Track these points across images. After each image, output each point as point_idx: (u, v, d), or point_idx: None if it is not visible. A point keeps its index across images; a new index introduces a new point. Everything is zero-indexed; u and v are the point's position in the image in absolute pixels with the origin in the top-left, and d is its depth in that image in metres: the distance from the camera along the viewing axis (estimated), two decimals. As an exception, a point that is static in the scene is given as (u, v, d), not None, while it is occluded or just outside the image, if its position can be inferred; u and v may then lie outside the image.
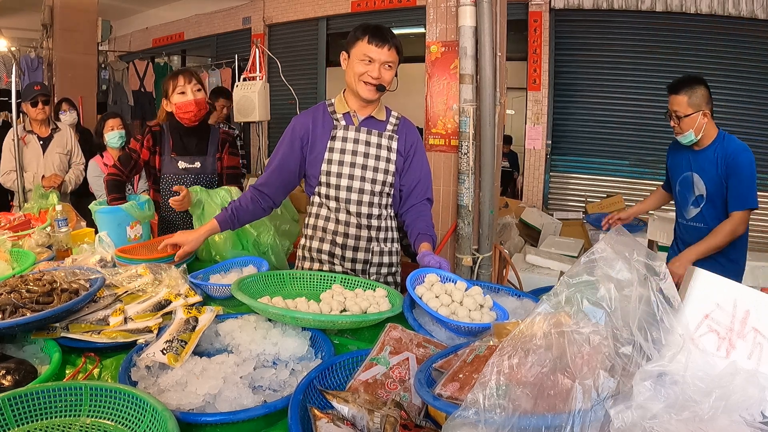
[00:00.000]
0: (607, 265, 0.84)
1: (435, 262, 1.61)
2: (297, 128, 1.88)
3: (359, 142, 1.85)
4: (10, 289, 1.29)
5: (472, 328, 1.28)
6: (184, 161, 2.31)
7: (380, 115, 1.89)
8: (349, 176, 1.85)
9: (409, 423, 0.94)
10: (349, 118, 1.86)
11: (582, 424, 0.70)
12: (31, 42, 5.88)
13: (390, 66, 1.77)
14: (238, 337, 1.26)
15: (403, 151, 1.89)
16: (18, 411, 0.93)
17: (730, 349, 0.86)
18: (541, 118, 5.45)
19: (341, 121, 1.86)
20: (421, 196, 1.91)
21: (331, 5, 6.40)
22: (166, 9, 7.93)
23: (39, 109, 3.59)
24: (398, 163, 1.88)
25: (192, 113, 2.25)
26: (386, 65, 1.76)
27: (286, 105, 5.88)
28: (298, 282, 1.68)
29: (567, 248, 3.92)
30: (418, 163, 1.92)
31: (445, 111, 2.99)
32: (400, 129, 1.91)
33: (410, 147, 1.91)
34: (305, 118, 1.89)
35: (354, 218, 1.88)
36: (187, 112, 2.25)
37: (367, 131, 1.86)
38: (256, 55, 4.45)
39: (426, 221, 1.87)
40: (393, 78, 1.81)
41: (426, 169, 1.95)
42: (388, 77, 1.78)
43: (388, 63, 1.76)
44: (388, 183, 1.88)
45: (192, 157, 2.33)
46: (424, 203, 1.92)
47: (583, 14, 5.28)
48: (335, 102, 1.90)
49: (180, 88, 2.23)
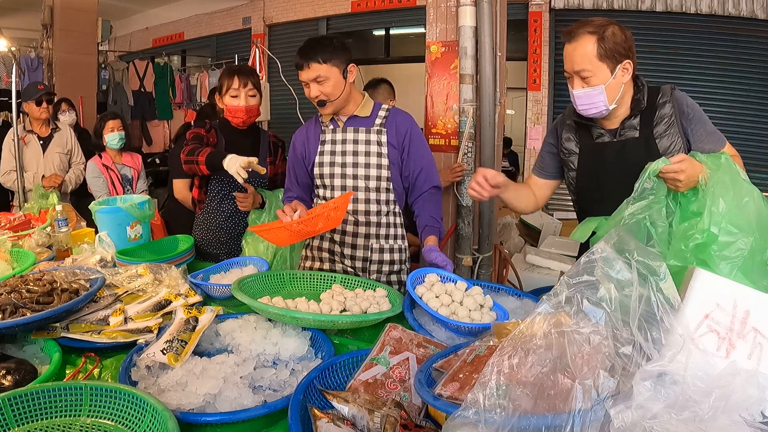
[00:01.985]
0: (607, 265, 0.84)
1: (442, 260, 1.61)
2: (295, 144, 2.00)
3: (347, 142, 1.87)
4: (10, 289, 1.29)
5: (472, 328, 1.28)
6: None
7: (364, 112, 1.88)
8: (341, 176, 1.88)
9: (409, 423, 0.94)
10: (335, 122, 1.91)
11: (582, 424, 0.70)
12: (31, 42, 5.88)
13: (320, 80, 1.75)
14: (238, 337, 1.26)
15: (396, 143, 1.86)
16: (18, 411, 0.93)
17: (730, 349, 0.86)
18: (541, 118, 5.45)
19: (329, 125, 1.91)
20: (427, 185, 1.89)
21: (331, 5, 6.40)
22: (166, 9, 7.93)
23: (43, 108, 3.59)
24: (392, 155, 1.86)
25: (241, 119, 2.20)
26: (315, 81, 1.75)
27: (286, 105, 5.88)
28: (298, 282, 1.69)
29: (567, 248, 3.91)
30: (416, 151, 1.88)
31: (445, 111, 2.99)
32: (389, 121, 1.88)
33: (403, 137, 1.86)
34: (300, 132, 2.00)
35: (351, 216, 1.89)
36: (236, 117, 2.20)
37: (354, 130, 1.87)
38: (256, 55, 4.45)
39: (431, 211, 1.85)
40: (334, 84, 1.76)
41: (427, 157, 1.91)
42: (326, 89, 1.76)
43: (315, 79, 1.75)
44: (384, 177, 1.86)
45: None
46: (431, 192, 1.89)
47: (583, 14, 5.28)
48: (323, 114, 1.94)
49: (233, 91, 2.17)
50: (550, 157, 1.82)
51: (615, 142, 1.64)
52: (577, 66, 1.53)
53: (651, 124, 1.59)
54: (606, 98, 1.53)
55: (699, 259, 1.15)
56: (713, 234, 1.15)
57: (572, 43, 1.54)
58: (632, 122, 1.61)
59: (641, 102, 1.59)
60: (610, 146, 1.64)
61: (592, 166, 1.68)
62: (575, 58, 1.53)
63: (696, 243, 1.17)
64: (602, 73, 1.52)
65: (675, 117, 1.58)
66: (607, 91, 1.52)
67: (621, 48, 1.52)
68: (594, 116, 1.59)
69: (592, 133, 1.68)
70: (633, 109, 1.60)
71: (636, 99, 1.60)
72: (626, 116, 1.61)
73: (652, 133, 1.58)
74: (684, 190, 1.29)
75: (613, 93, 1.54)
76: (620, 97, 1.56)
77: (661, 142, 1.58)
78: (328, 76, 1.75)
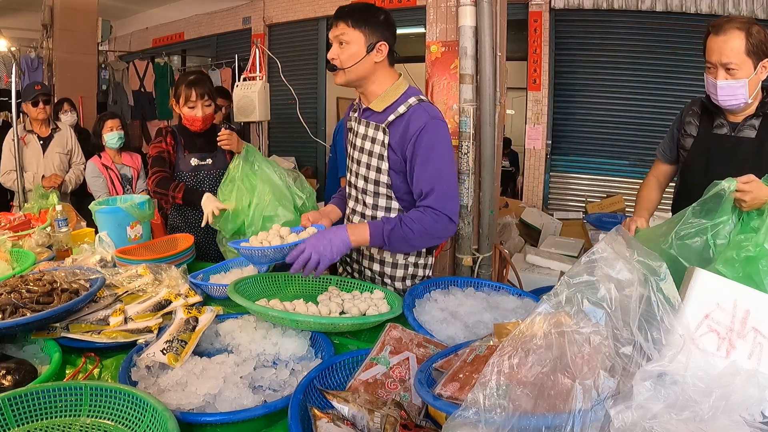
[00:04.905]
0: (607, 265, 0.84)
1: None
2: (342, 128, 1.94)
3: (358, 135, 1.73)
4: (10, 289, 1.29)
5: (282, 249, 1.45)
6: (197, 158, 2.36)
7: (379, 106, 1.65)
8: (350, 171, 1.80)
9: (409, 423, 0.94)
10: (360, 110, 1.76)
11: (582, 424, 0.70)
12: (31, 42, 5.87)
13: (342, 41, 1.59)
14: (238, 337, 1.26)
15: (397, 149, 1.61)
16: (18, 411, 0.93)
17: (730, 349, 0.86)
18: (541, 118, 5.45)
19: (355, 113, 1.79)
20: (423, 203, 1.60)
21: (331, 5, 6.39)
22: (166, 9, 7.92)
23: (40, 109, 3.59)
24: (393, 161, 1.62)
25: (197, 127, 2.33)
26: (338, 41, 1.61)
27: (286, 105, 5.89)
28: (294, 284, 1.67)
29: (567, 248, 3.91)
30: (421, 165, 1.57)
31: (445, 111, 2.98)
32: (397, 121, 1.61)
33: (408, 144, 1.58)
34: (346, 116, 1.91)
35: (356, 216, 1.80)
36: (193, 125, 2.33)
37: (366, 123, 1.70)
38: (256, 55, 4.44)
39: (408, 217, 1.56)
40: (352, 54, 1.59)
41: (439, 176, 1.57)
42: (343, 54, 1.59)
43: (338, 38, 1.60)
44: (383, 183, 1.66)
45: (203, 153, 2.38)
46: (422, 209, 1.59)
47: (583, 14, 5.28)
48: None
49: (191, 102, 2.27)
50: (672, 141, 1.98)
51: (732, 137, 1.77)
52: (726, 58, 1.62)
53: None
54: (747, 91, 1.64)
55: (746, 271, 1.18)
56: (766, 250, 1.18)
57: (721, 36, 1.63)
58: (753, 122, 1.74)
59: (767, 105, 1.72)
60: (726, 138, 1.78)
61: (705, 151, 1.82)
62: (725, 50, 1.62)
63: (747, 255, 1.20)
64: (747, 68, 1.62)
65: None
66: (749, 85, 1.64)
67: (764, 46, 1.63)
68: (731, 108, 1.71)
69: (713, 120, 1.81)
70: (758, 109, 1.73)
71: (764, 102, 1.72)
72: (750, 114, 1.73)
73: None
74: (747, 209, 1.36)
75: (753, 88, 1.66)
76: (756, 94, 1.68)
77: None
78: (350, 41, 1.59)
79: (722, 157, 1.77)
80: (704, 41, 1.71)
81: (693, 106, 1.90)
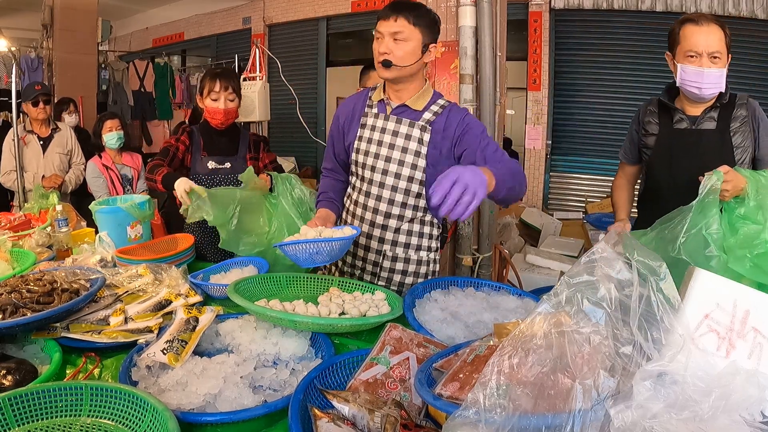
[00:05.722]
0: (607, 265, 0.84)
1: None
2: (339, 115, 1.85)
3: (387, 131, 1.70)
4: (10, 289, 1.29)
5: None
6: (214, 161, 2.31)
7: (417, 104, 1.68)
8: (371, 168, 1.73)
9: (410, 423, 0.94)
10: (383, 105, 1.74)
11: (582, 424, 0.70)
12: (31, 42, 5.87)
13: (399, 38, 1.57)
14: (239, 337, 1.26)
15: (439, 143, 1.66)
16: (18, 411, 0.93)
17: (730, 349, 0.86)
18: (541, 118, 5.45)
19: (374, 108, 1.75)
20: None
21: (331, 5, 6.39)
22: (166, 9, 7.93)
23: (40, 109, 3.59)
24: (432, 157, 1.67)
25: (219, 121, 2.27)
26: (393, 37, 1.57)
27: (286, 105, 5.88)
28: (295, 285, 1.67)
29: (567, 248, 3.92)
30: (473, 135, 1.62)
31: (445, 111, 2.98)
32: (438, 120, 1.67)
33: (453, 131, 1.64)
34: (347, 104, 1.85)
35: (369, 214, 1.76)
36: (214, 119, 2.27)
37: (397, 120, 1.69)
38: (256, 55, 4.44)
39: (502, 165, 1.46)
40: (410, 51, 1.58)
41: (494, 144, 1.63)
42: (400, 51, 1.57)
43: (395, 34, 1.57)
44: (417, 180, 1.69)
45: (222, 157, 2.32)
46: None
47: (583, 14, 5.28)
48: (376, 88, 1.79)
49: (214, 94, 2.23)
50: (632, 143, 2.03)
51: (693, 130, 1.82)
52: (713, 47, 1.69)
53: (728, 119, 1.77)
54: (725, 81, 1.72)
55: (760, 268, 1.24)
56: None
57: (704, 27, 1.69)
58: (712, 114, 1.79)
59: (724, 97, 1.78)
60: (687, 132, 1.82)
61: (668, 147, 1.86)
62: (711, 40, 1.69)
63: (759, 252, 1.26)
64: (725, 59, 1.71)
65: (749, 120, 1.77)
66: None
67: (730, 42, 1.72)
68: (708, 96, 1.75)
69: (672, 116, 1.86)
70: (716, 100, 1.78)
71: (721, 93, 1.78)
72: (708, 107, 1.79)
73: (728, 128, 1.77)
74: (729, 198, 1.43)
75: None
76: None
77: (735, 137, 1.76)
78: (408, 39, 1.57)
79: (685, 151, 1.82)
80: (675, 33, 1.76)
81: (649, 106, 1.94)
